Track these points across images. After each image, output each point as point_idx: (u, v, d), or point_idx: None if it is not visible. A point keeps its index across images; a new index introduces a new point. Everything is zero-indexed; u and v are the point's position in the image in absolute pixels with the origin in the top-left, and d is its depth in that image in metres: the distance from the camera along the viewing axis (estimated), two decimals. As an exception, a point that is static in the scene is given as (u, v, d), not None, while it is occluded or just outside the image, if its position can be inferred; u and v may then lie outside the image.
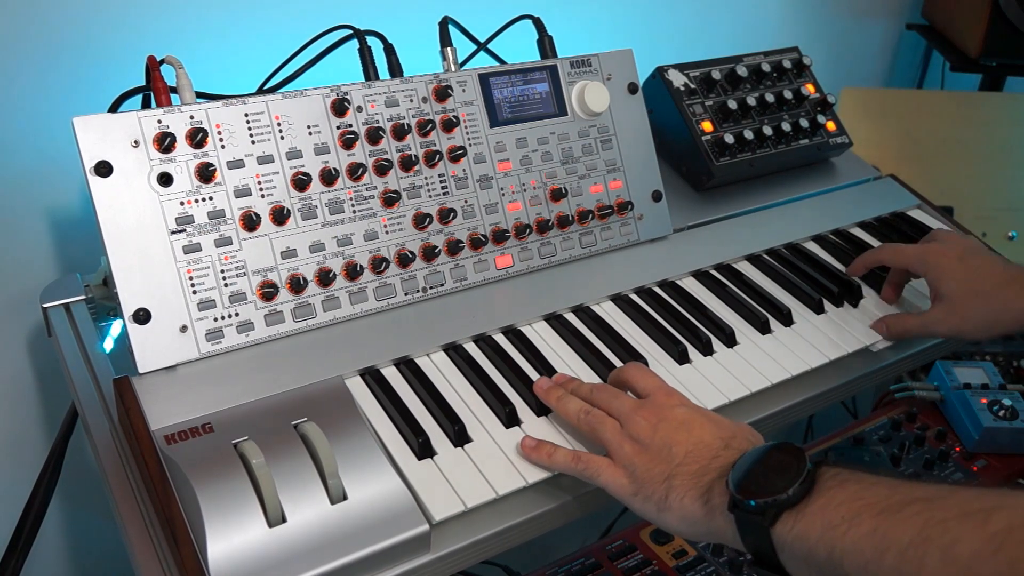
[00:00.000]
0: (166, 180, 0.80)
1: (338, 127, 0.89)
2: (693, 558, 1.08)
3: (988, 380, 1.30)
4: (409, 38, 1.01)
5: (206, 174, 0.82)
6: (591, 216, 1.03)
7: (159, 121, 0.80)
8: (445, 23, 1.02)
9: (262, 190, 0.85)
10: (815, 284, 1.09)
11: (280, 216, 0.85)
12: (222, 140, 0.83)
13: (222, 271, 0.82)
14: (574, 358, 0.93)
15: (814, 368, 0.97)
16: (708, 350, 0.96)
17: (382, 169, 0.91)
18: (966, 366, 1.33)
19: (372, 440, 0.76)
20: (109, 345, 0.94)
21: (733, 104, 1.19)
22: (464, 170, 0.96)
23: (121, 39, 1.06)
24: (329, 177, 0.87)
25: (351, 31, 0.96)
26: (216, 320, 0.81)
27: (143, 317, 0.78)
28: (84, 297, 0.96)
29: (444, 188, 0.95)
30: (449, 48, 1.01)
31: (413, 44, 1.02)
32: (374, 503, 0.71)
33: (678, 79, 1.19)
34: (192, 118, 0.82)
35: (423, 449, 0.77)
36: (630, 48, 1.09)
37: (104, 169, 0.77)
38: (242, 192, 0.84)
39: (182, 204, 0.81)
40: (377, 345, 0.87)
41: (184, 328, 0.80)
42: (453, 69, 1.01)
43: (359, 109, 0.90)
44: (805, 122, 1.23)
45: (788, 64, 1.25)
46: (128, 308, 0.78)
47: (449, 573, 0.74)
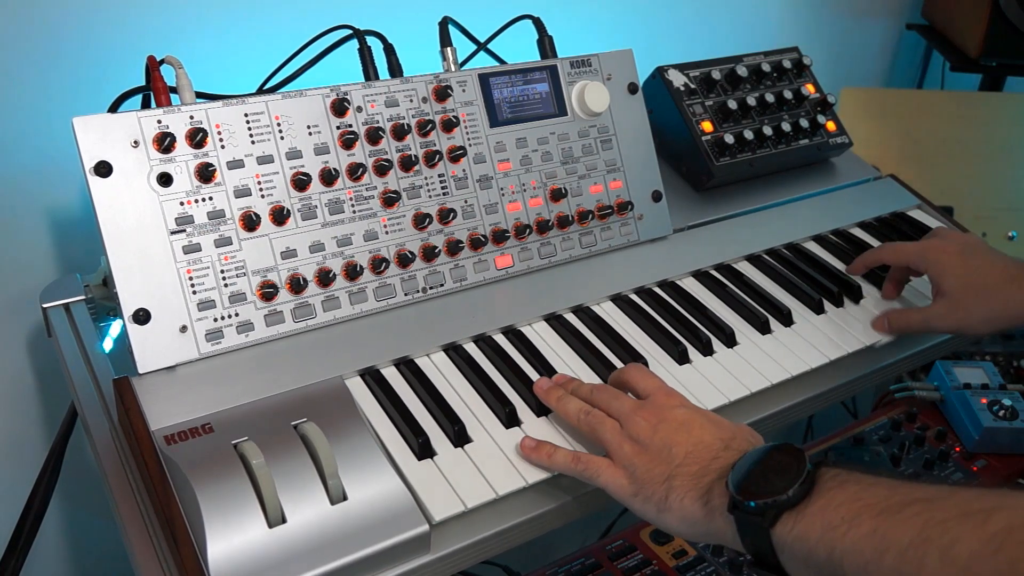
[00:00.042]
0: (166, 180, 0.80)
1: (338, 127, 0.89)
2: (693, 558, 1.08)
3: (988, 380, 1.30)
4: (409, 38, 1.01)
5: (206, 174, 0.82)
6: (591, 216, 1.03)
7: (159, 121, 0.80)
8: (445, 23, 1.02)
9: (262, 190, 0.85)
10: (815, 284, 1.09)
11: (280, 216, 0.85)
12: (222, 140, 0.83)
13: (222, 271, 0.82)
14: (574, 358, 0.93)
15: (814, 368, 0.97)
16: (708, 350, 0.96)
17: (382, 169, 0.91)
18: (966, 366, 1.33)
19: (372, 440, 0.76)
20: (109, 345, 0.94)
21: (733, 104, 1.19)
22: (464, 170, 0.96)
23: (121, 39, 1.06)
24: (329, 177, 0.87)
25: (351, 31, 0.96)
26: (216, 320, 0.81)
27: (143, 317, 0.78)
28: (84, 297, 0.96)
29: (444, 188, 0.95)
30: (449, 48, 1.01)
31: (413, 44, 1.02)
32: (374, 503, 0.71)
33: (678, 79, 1.19)
34: (192, 118, 0.82)
35: (423, 449, 0.77)
36: (630, 48, 1.09)
37: (104, 169, 0.77)
38: (242, 192, 0.84)
39: (182, 204, 0.81)
40: (377, 345, 0.87)
41: (184, 328, 0.80)
42: (453, 69, 1.01)
43: (359, 109, 0.90)
44: (805, 122, 1.23)
45: (788, 64, 1.25)
46: (128, 308, 0.78)
47: (449, 573, 0.74)
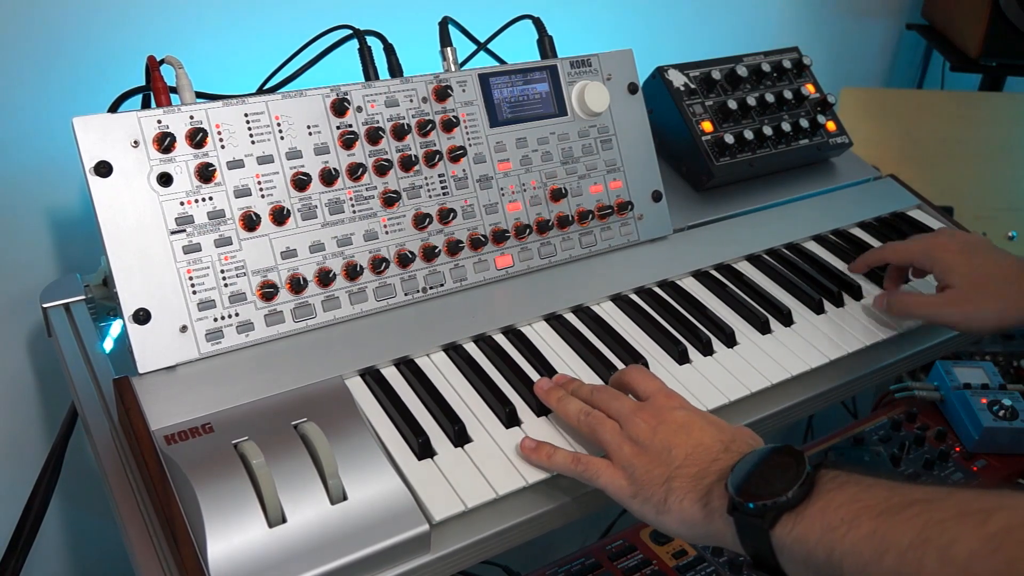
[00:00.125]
0: (166, 180, 0.80)
1: (338, 127, 0.89)
2: (693, 558, 1.08)
3: (988, 380, 1.30)
4: (409, 38, 1.01)
5: (206, 174, 0.82)
6: (591, 216, 1.03)
7: (159, 121, 0.80)
8: (445, 23, 1.02)
9: (262, 190, 0.85)
10: (815, 284, 1.09)
11: (280, 216, 0.85)
12: (222, 140, 0.83)
13: (222, 271, 0.82)
14: (574, 358, 0.93)
15: (814, 368, 0.97)
16: (708, 350, 0.96)
17: (382, 169, 0.91)
18: (966, 366, 1.33)
19: (372, 440, 0.76)
20: (109, 345, 0.94)
21: (733, 104, 1.19)
22: (464, 170, 0.96)
23: (121, 39, 1.06)
24: (329, 177, 0.87)
25: (351, 31, 0.96)
26: (216, 320, 0.81)
27: (143, 317, 0.78)
28: (84, 297, 0.96)
29: (444, 188, 0.95)
30: (449, 48, 1.01)
31: (413, 44, 1.02)
32: (374, 503, 0.71)
33: (678, 79, 1.19)
34: (192, 118, 0.82)
35: (423, 449, 0.77)
36: (630, 48, 1.09)
37: (104, 169, 0.77)
38: (242, 192, 0.84)
39: (182, 204, 0.81)
40: (377, 345, 0.87)
41: (184, 328, 0.80)
42: (453, 69, 1.01)
43: (359, 109, 0.90)
44: (805, 122, 1.23)
45: (788, 64, 1.25)
46: (128, 308, 0.78)
47: (449, 573, 0.74)
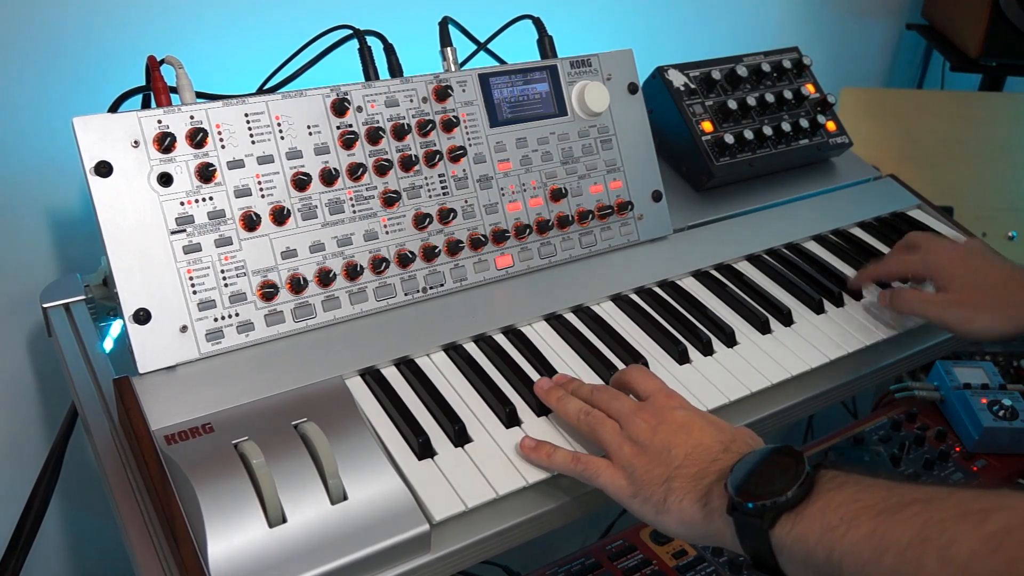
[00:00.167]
0: (166, 180, 0.80)
1: (338, 127, 0.89)
2: (693, 558, 1.08)
3: (988, 380, 1.30)
4: (409, 38, 1.01)
5: (206, 174, 0.82)
6: (591, 216, 1.03)
7: (159, 121, 0.80)
8: (445, 23, 1.02)
9: (262, 190, 0.85)
10: (815, 284, 1.09)
11: (280, 216, 0.85)
12: (222, 140, 0.83)
13: (222, 271, 0.82)
14: (574, 358, 0.93)
15: (814, 368, 0.97)
16: (708, 350, 0.96)
17: (382, 169, 0.91)
18: (966, 366, 1.33)
19: (372, 440, 0.76)
20: (109, 345, 0.94)
21: (733, 104, 1.19)
22: (464, 170, 0.96)
23: (121, 39, 1.06)
24: (329, 177, 0.87)
25: (351, 31, 0.96)
26: (216, 320, 0.81)
27: (143, 317, 0.78)
28: (84, 297, 0.96)
29: (444, 188, 0.95)
30: (449, 48, 1.01)
31: (413, 44, 1.02)
32: (374, 503, 0.71)
33: (678, 79, 1.19)
34: (192, 118, 0.82)
35: (423, 449, 0.77)
36: (630, 48, 1.09)
37: (104, 169, 0.77)
38: (242, 192, 0.84)
39: (182, 204, 0.81)
40: (377, 345, 0.87)
41: (184, 328, 0.80)
42: (453, 69, 1.01)
43: (359, 109, 0.90)
44: (805, 122, 1.23)
45: (788, 64, 1.25)
46: (128, 308, 0.78)
47: (449, 573, 0.74)
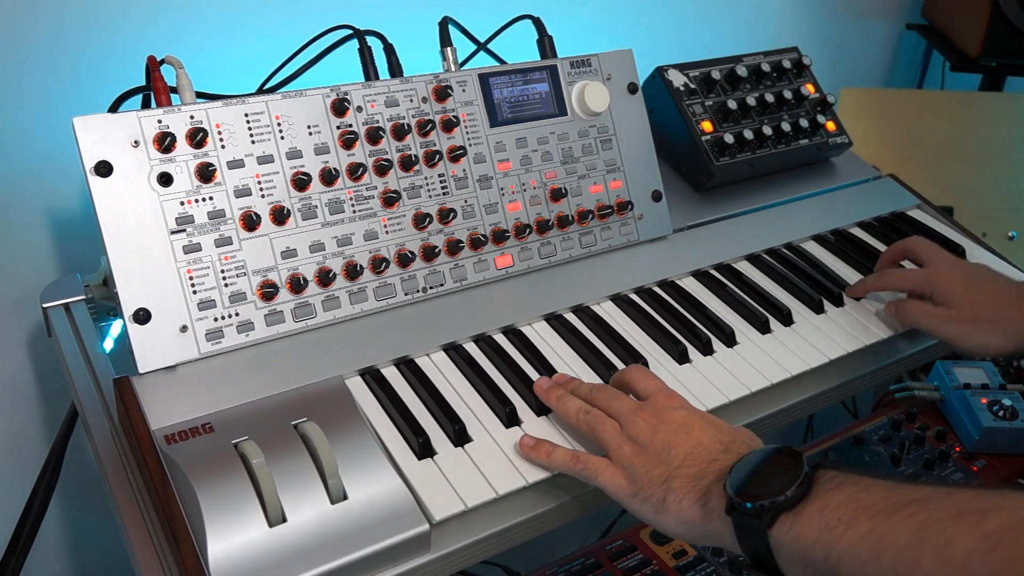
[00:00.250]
0: (166, 180, 0.80)
1: (338, 127, 0.89)
2: (693, 558, 1.08)
3: (988, 380, 1.29)
4: (409, 38, 1.01)
5: (206, 174, 0.82)
6: (591, 216, 1.03)
7: (159, 121, 0.80)
8: (445, 23, 1.02)
9: (262, 190, 0.85)
10: (815, 284, 1.09)
11: (280, 216, 0.85)
12: (222, 140, 0.83)
13: (222, 271, 0.82)
14: (574, 358, 0.93)
15: (814, 368, 0.97)
16: (708, 350, 0.96)
17: (382, 169, 0.91)
18: (966, 366, 1.33)
19: (372, 440, 0.76)
20: (109, 345, 0.94)
21: (733, 104, 1.19)
22: (464, 170, 0.96)
23: (121, 39, 1.06)
24: (329, 177, 0.87)
25: (351, 31, 0.96)
26: (216, 320, 0.82)
27: (143, 317, 0.78)
28: (84, 297, 0.96)
29: (444, 188, 0.95)
30: (449, 48, 1.01)
31: (413, 44, 1.02)
32: (374, 503, 0.71)
33: (678, 79, 1.19)
34: (192, 118, 0.82)
35: (423, 449, 0.77)
36: (630, 48, 1.09)
37: (104, 169, 0.77)
38: (242, 192, 0.84)
39: (182, 204, 0.81)
40: (377, 345, 0.87)
41: (184, 328, 0.80)
42: (453, 69, 1.01)
43: (359, 109, 0.90)
44: (805, 122, 1.24)
45: (788, 64, 1.25)
46: (128, 308, 0.78)
47: (449, 573, 0.74)
